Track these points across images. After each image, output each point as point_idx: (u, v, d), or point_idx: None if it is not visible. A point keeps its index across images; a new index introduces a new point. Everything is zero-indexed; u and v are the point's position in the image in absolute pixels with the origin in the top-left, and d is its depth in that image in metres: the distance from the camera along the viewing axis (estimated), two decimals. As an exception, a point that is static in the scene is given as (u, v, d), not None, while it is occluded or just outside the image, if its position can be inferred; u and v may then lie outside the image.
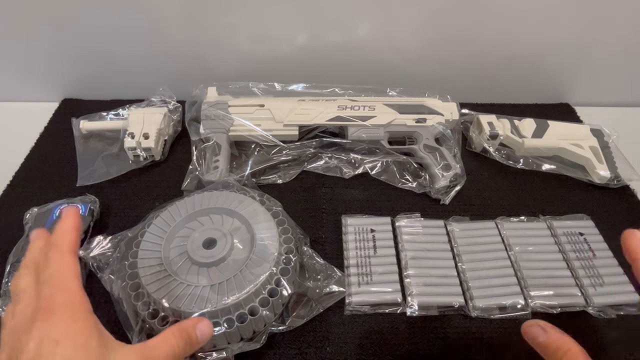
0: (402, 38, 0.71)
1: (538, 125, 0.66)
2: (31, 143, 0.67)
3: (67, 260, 0.29)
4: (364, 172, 0.62)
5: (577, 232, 0.55)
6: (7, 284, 0.46)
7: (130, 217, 0.55)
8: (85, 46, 0.70)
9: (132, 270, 0.44)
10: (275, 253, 0.45)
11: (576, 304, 0.48)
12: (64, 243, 0.30)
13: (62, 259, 0.29)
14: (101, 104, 0.72)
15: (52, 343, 0.25)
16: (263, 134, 0.61)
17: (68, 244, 0.30)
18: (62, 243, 0.30)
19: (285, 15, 0.68)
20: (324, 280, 0.48)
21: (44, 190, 0.59)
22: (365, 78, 0.70)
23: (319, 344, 0.45)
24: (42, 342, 0.25)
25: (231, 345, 0.42)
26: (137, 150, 0.61)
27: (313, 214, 0.57)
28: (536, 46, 0.72)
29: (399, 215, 0.56)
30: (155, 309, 0.41)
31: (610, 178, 0.61)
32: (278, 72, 0.72)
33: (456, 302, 0.48)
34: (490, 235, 0.55)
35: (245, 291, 0.42)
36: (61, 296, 0.27)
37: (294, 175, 0.62)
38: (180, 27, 0.69)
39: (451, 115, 0.65)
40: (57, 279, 0.28)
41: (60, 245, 0.30)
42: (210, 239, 0.46)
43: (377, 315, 0.47)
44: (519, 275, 0.50)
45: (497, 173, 0.65)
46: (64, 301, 0.27)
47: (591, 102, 0.79)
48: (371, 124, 0.63)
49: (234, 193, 0.52)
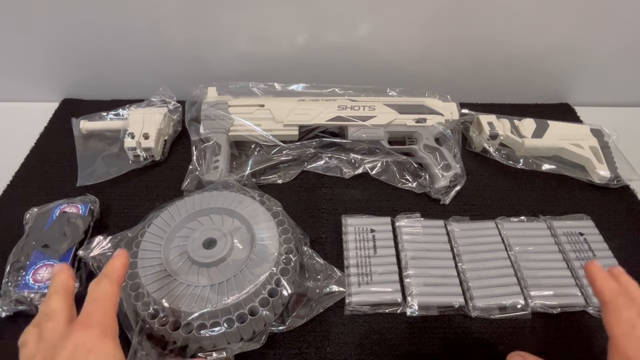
0: (402, 38, 0.71)
1: (538, 125, 0.66)
2: (31, 143, 0.67)
3: (113, 290, 0.35)
4: (364, 172, 0.62)
5: (577, 232, 0.55)
6: (7, 284, 0.46)
7: (130, 217, 0.55)
8: (86, 46, 0.70)
9: (132, 270, 0.44)
10: (275, 253, 0.45)
11: (576, 304, 0.48)
12: (114, 275, 0.36)
13: (109, 287, 0.35)
14: (101, 104, 0.72)
15: (85, 350, 0.30)
16: (263, 134, 0.61)
17: (117, 278, 0.36)
18: (114, 275, 0.36)
19: (285, 15, 0.68)
20: (324, 280, 0.48)
21: (44, 190, 0.59)
22: (365, 78, 0.70)
23: (319, 344, 0.45)
24: (77, 348, 0.30)
25: (231, 345, 0.42)
26: (137, 150, 0.61)
27: (313, 214, 0.57)
28: (536, 46, 0.72)
29: (399, 215, 0.56)
30: (156, 309, 0.41)
31: (610, 178, 0.61)
32: (278, 72, 0.72)
33: (456, 302, 0.48)
34: (490, 235, 0.55)
35: (245, 291, 0.42)
36: (99, 315, 0.33)
37: (294, 175, 0.62)
38: (181, 27, 0.69)
39: (451, 115, 0.65)
40: (100, 302, 0.33)
41: (112, 277, 0.35)
42: (210, 239, 0.46)
43: (377, 315, 0.47)
44: (519, 275, 0.50)
45: (497, 173, 0.65)
46: (100, 320, 0.32)
47: (591, 102, 0.79)
48: (371, 124, 0.63)
49: (234, 193, 0.52)
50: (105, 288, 0.34)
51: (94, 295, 0.34)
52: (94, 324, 0.32)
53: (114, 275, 0.36)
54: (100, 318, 0.32)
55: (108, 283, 0.35)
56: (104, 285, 0.35)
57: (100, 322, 0.32)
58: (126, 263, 0.38)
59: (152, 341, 0.43)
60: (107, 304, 0.34)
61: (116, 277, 0.36)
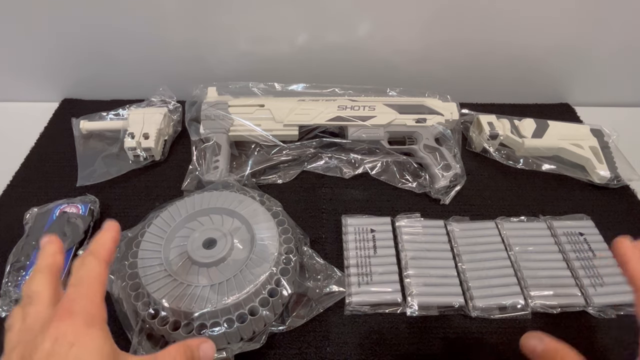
0: (402, 38, 0.71)
1: (538, 125, 0.66)
2: (31, 143, 0.67)
3: (100, 269, 0.30)
4: (364, 172, 0.62)
5: (577, 232, 0.55)
6: (7, 284, 0.46)
7: (130, 217, 0.55)
8: (86, 46, 0.70)
9: (132, 270, 0.44)
10: (275, 253, 0.45)
11: (576, 304, 0.48)
12: (102, 252, 0.31)
13: (96, 266, 0.30)
14: (101, 104, 0.72)
15: (67, 344, 0.26)
16: (263, 134, 0.61)
17: (105, 255, 0.31)
18: (101, 251, 0.31)
19: (285, 15, 0.68)
20: (324, 280, 0.48)
21: (44, 190, 0.59)
22: (365, 78, 0.70)
23: (319, 344, 0.45)
24: (57, 341, 0.26)
25: (231, 345, 0.42)
26: (137, 150, 0.61)
27: (313, 214, 0.57)
28: (536, 46, 0.72)
29: (399, 215, 0.56)
30: (156, 309, 0.41)
31: (610, 178, 0.61)
32: (278, 72, 0.72)
33: (456, 302, 0.48)
34: (490, 235, 0.55)
35: (245, 291, 0.42)
36: (83, 301, 0.28)
37: (294, 175, 0.62)
38: (181, 27, 0.69)
39: (451, 115, 0.65)
40: (85, 284, 0.29)
41: (98, 253, 0.31)
42: (210, 239, 0.46)
43: (377, 315, 0.47)
44: (519, 275, 0.50)
45: (497, 173, 0.65)
46: (84, 306, 0.28)
47: (591, 102, 0.79)
48: (371, 124, 0.63)
49: (234, 193, 0.52)
50: (90, 267, 0.30)
51: (78, 276, 0.29)
52: (76, 312, 0.27)
53: (101, 251, 0.31)
54: (84, 304, 0.28)
55: (94, 261, 0.30)
56: (89, 263, 0.30)
57: (84, 309, 0.28)
58: (116, 237, 0.33)
59: (152, 341, 0.43)
60: (92, 287, 0.29)
61: (104, 254, 0.31)
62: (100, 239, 0.32)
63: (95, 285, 0.30)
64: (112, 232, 0.33)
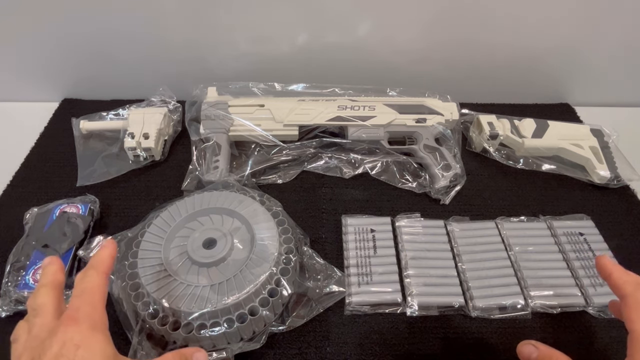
0: (402, 38, 0.71)
1: (538, 125, 0.66)
2: (31, 143, 0.67)
3: (100, 281, 0.34)
4: (364, 172, 0.62)
5: (577, 232, 0.55)
6: (7, 284, 0.46)
7: (130, 217, 0.55)
8: (86, 46, 0.70)
9: (132, 270, 0.44)
10: (275, 253, 0.45)
11: (576, 304, 0.48)
12: (102, 266, 0.35)
13: (97, 278, 0.33)
14: (101, 104, 0.72)
15: (73, 346, 0.29)
16: (263, 134, 0.61)
17: (104, 268, 0.35)
18: (100, 266, 0.35)
19: (285, 15, 0.68)
20: (324, 280, 0.48)
21: (44, 190, 0.59)
22: (365, 78, 0.70)
23: (319, 344, 0.45)
24: (64, 345, 0.29)
25: (231, 345, 0.42)
26: (137, 150, 0.61)
27: (313, 214, 0.57)
28: (536, 46, 0.72)
29: (399, 215, 0.56)
30: (156, 309, 0.41)
31: (610, 178, 0.61)
32: (278, 72, 0.72)
33: (456, 302, 0.48)
34: (490, 235, 0.55)
35: (245, 291, 0.42)
36: (87, 309, 0.31)
37: (294, 175, 0.62)
38: (181, 27, 0.69)
39: (451, 115, 0.65)
40: (88, 294, 0.32)
41: (98, 268, 0.34)
42: (210, 239, 0.46)
43: (377, 315, 0.47)
44: (519, 275, 0.50)
45: (497, 173, 0.65)
46: (88, 313, 0.31)
47: (591, 102, 0.79)
48: (371, 124, 0.63)
49: (234, 193, 0.52)
50: (92, 280, 0.33)
51: (81, 288, 0.33)
52: (81, 318, 0.30)
53: (101, 266, 0.35)
54: (87, 311, 0.31)
55: (95, 274, 0.33)
56: (90, 276, 0.33)
57: (88, 315, 0.31)
58: (114, 254, 0.36)
59: (152, 341, 0.43)
60: (94, 297, 0.32)
61: (103, 268, 0.35)
62: (99, 255, 0.36)
63: (97, 294, 0.33)
64: (109, 249, 0.36)
